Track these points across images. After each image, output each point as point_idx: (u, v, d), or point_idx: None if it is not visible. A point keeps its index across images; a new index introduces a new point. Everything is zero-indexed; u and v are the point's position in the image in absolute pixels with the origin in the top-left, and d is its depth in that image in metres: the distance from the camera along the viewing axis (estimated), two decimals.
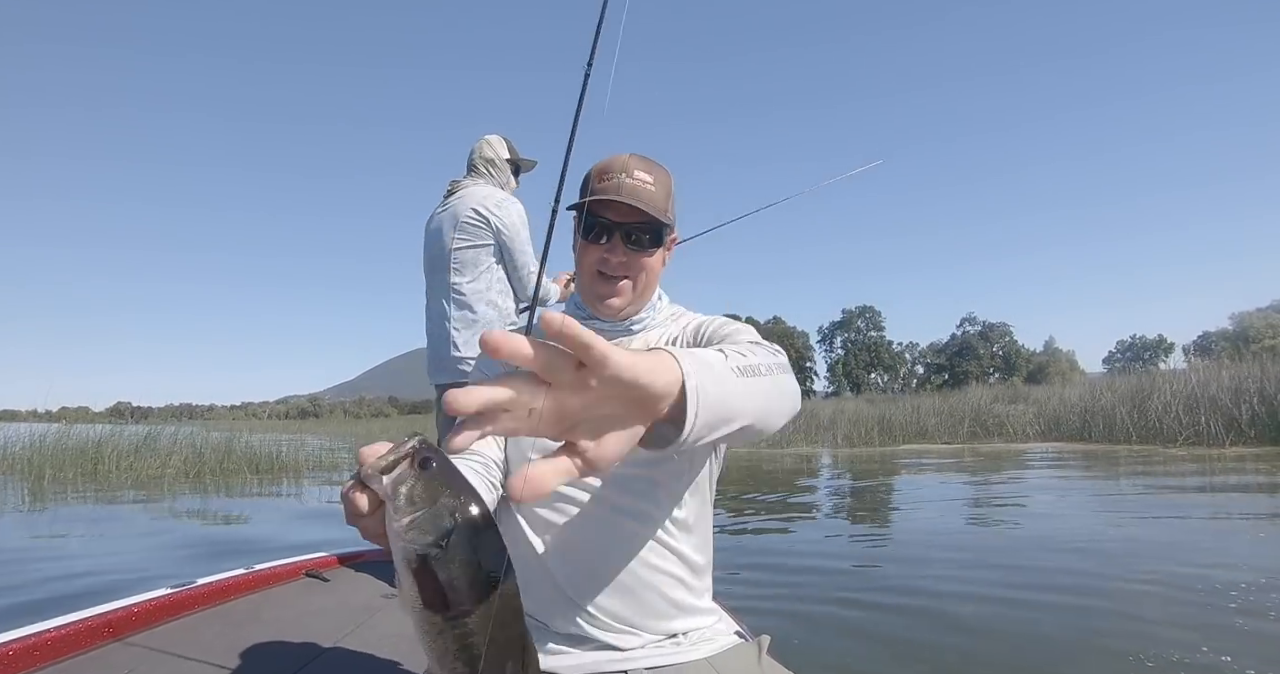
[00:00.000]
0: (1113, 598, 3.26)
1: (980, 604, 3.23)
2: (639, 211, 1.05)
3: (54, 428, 11.16)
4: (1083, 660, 2.57)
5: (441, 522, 0.58)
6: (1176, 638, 2.67)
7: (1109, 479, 8.01)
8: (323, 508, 7.18)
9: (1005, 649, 2.68)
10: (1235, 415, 10.55)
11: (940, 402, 17.52)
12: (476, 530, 0.59)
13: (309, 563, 2.52)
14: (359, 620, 2.01)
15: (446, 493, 0.59)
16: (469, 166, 2.93)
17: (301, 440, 12.63)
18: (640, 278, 1.10)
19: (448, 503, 0.58)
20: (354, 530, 0.68)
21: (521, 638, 0.63)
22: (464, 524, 0.58)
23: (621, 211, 1.06)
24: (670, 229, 1.12)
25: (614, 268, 1.08)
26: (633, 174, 1.06)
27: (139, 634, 1.77)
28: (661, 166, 1.11)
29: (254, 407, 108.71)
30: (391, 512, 0.58)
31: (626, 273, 1.09)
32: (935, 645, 2.74)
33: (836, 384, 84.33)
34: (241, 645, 1.76)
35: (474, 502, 0.59)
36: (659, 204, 1.07)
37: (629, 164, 1.08)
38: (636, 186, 1.06)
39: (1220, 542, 4.38)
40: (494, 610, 0.59)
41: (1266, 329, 61.13)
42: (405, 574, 0.58)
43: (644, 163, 1.09)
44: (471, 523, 0.59)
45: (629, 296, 1.11)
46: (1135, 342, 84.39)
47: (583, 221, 1.08)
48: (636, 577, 1.03)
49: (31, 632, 1.57)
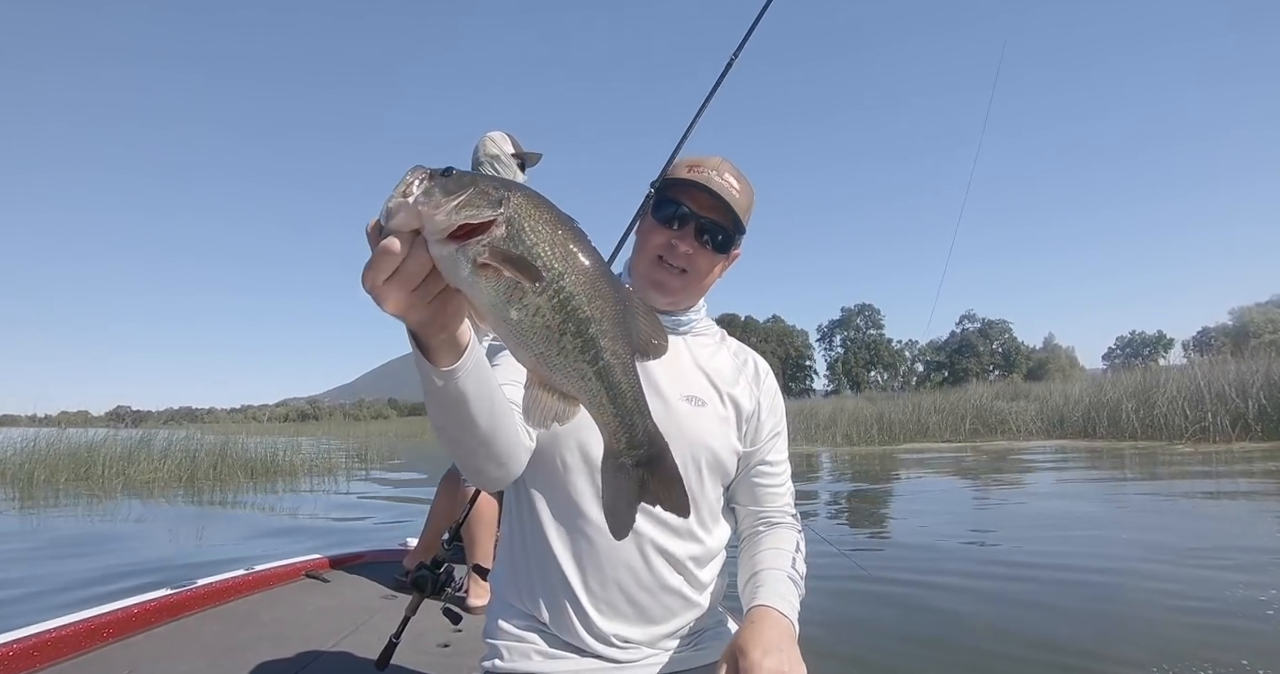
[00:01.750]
0: (1129, 606, 3.17)
1: (989, 605, 3.16)
2: (719, 209, 1.05)
3: (46, 432, 11.08)
4: (1092, 665, 2.49)
5: (489, 194, 0.53)
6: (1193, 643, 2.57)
7: (1118, 480, 7.93)
8: (321, 510, 7.09)
9: (1018, 648, 2.61)
10: (1242, 411, 10.45)
11: (941, 399, 17.49)
12: (528, 194, 0.55)
13: (308, 564, 2.53)
14: (359, 621, 2.04)
15: (480, 177, 0.55)
16: (472, 166, 2.89)
17: (298, 444, 12.54)
18: (697, 275, 1.09)
19: (489, 180, 0.54)
20: (350, 532, 0.55)
21: (611, 279, 0.58)
22: (516, 189, 0.54)
23: (702, 204, 1.05)
24: (740, 238, 1.11)
25: (678, 257, 1.06)
26: (723, 175, 1.06)
27: (139, 635, 1.79)
28: (748, 180, 1.11)
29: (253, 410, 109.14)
30: (430, 217, 0.52)
31: (687, 265, 1.07)
32: (943, 646, 2.69)
33: (836, 383, 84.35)
34: (241, 646, 1.78)
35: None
36: (740, 209, 1.07)
37: (722, 166, 1.08)
38: (726, 187, 1.06)
39: (1241, 540, 4.27)
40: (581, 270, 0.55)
41: (1266, 324, 61.07)
42: (476, 279, 0.53)
43: (735, 170, 1.10)
44: (522, 189, 0.55)
45: (681, 291, 1.09)
46: (1135, 338, 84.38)
47: (657, 201, 1.08)
48: (656, 588, 1.03)
49: (33, 632, 1.59)
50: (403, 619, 1.70)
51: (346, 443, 18.44)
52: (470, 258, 0.52)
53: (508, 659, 1.02)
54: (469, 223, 0.52)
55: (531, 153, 2.97)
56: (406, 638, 1.74)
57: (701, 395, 1.08)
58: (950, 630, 2.89)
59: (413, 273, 0.55)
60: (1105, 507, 5.99)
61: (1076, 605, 3.14)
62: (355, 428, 30.34)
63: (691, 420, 1.05)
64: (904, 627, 2.96)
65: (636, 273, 1.11)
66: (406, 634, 1.71)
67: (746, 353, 1.20)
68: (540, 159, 3.01)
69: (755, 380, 1.16)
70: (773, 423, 1.15)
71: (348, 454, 14.87)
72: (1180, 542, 4.28)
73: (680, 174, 1.08)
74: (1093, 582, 3.50)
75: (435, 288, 0.58)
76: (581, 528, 1.02)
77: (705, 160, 1.09)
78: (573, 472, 1.01)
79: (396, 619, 1.76)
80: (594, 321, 0.55)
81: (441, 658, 1.89)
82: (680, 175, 1.08)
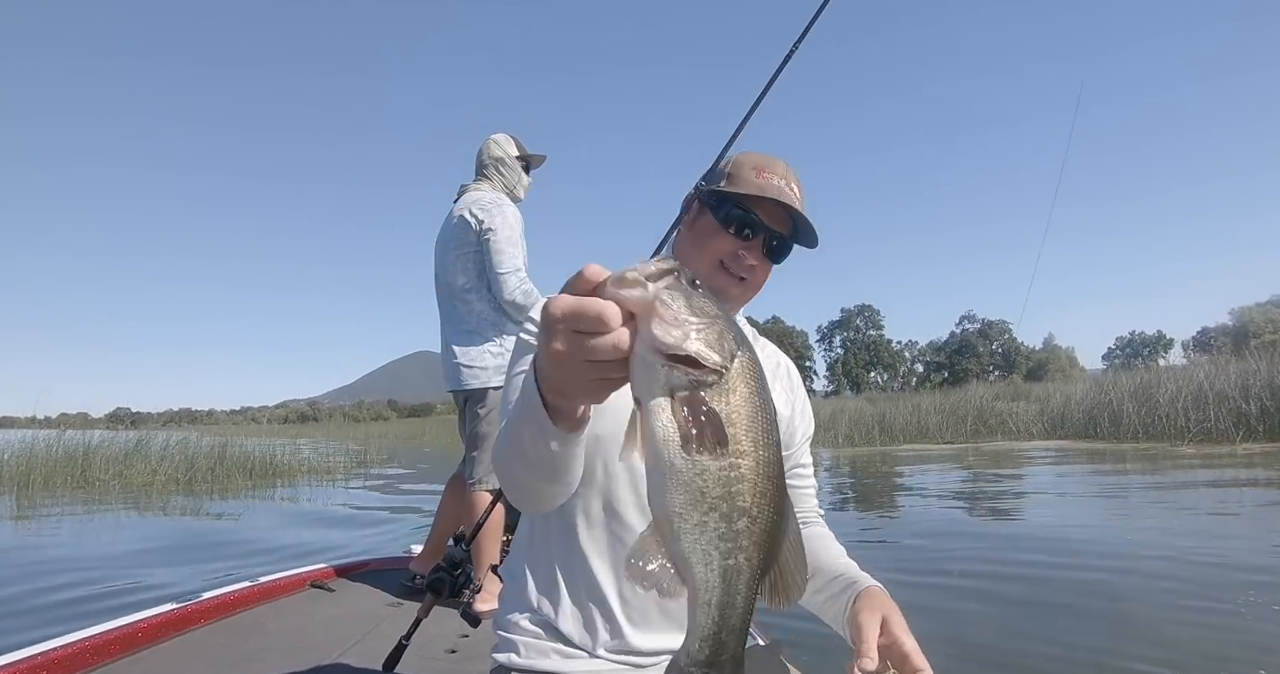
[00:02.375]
0: (1139, 608, 3.12)
1: (996, 607, 3.12)
2: (789, 224, 1.03)
3: (44, 435, 11.04)
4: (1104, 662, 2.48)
5: (726, 340, 0.50)
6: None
7: (1123, 481, 7.88)
8: (316, 514, 7.03)
9: (1029, 648, 2.57)
10: (1245, 411, 10.41)
11: (941, 400, 17.44)
12: (755, 360, 0.52)
13: (313, 574, 2.53)
14: (365, 629, 2.03)
15: (724, 315, 0.51)
16: (477, 169, 2.89)
17: (296, 446, 12.51)
18: (755, 286, 1.07)
19: (728, 322, 0.51)
20: (353, 538, 0.51)
21: (783, 491, 0.53)
22: (747, 348, 0.51)
23: (775, 218, 1.03)
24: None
25: (742, 267, 1.03)
26: (791, 186, 1.03)
27: (147, 650, 1.79)
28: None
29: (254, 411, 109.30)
30: (662, 323, 0.49)
31: (748, 275, 1.05)
32: (958, 644, 2.64)
33: (836, 383, 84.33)
34: (249, 658, 1.78)
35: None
36: (806, 223, 1.05)
37: (789, 173, 1.04)
38: (796, 197, 1.03)
39: (1252, 542, 4.23)
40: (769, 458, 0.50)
41: (1266, 324, 61.04)
42: (664, 406, 0.49)
43: (797, 177, 1.06)
44: (751, 351, 0.51)
45: (738, 299, 1.08)
46: (1134, 338, 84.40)
47: (723, 203, 1.03)
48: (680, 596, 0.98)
49: (40, 650, 1.59)
50: (414, 621, 1.66)
51: (346, 445, 18.41)
52: (670, 383, 0.49)
53: (524, 655, 1.00)
54: (692, 356, 0.48)
55: (535, 155, 2.97)
56: (415, 644, 1.70)
57: None
58: (960, 630, 2.87)
59: (605, 348, 0.51)
60: (1111, 508, 5.95)
61: (1085, 606, 3.11)
62: (355, 429, 30.41)
63: None
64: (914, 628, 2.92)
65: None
66: (415, 640, 1.67)
67: (778, 355, 1.19)
68: (544, 161, 3.01)
69: (789, 384, 1.15)
70: (805, 426, 1.15)
71: (347, 456, 14.83)
72: (1190, 544, 4.23)
73: (746, 176, 1.03)
74: (1101, 582, 3.47)
75: (612, 373, 0.53)
76: (619, 535, 0.99)
77: (772, 165, 1.04)
78: (615, 479, 0.99)
79: (404, 627, 1.73)
80: (749, 517, 0.49)
81: (450, 664, 1.87)
82: (746, 177, 1.03)
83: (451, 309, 2.74)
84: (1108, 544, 4.36)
